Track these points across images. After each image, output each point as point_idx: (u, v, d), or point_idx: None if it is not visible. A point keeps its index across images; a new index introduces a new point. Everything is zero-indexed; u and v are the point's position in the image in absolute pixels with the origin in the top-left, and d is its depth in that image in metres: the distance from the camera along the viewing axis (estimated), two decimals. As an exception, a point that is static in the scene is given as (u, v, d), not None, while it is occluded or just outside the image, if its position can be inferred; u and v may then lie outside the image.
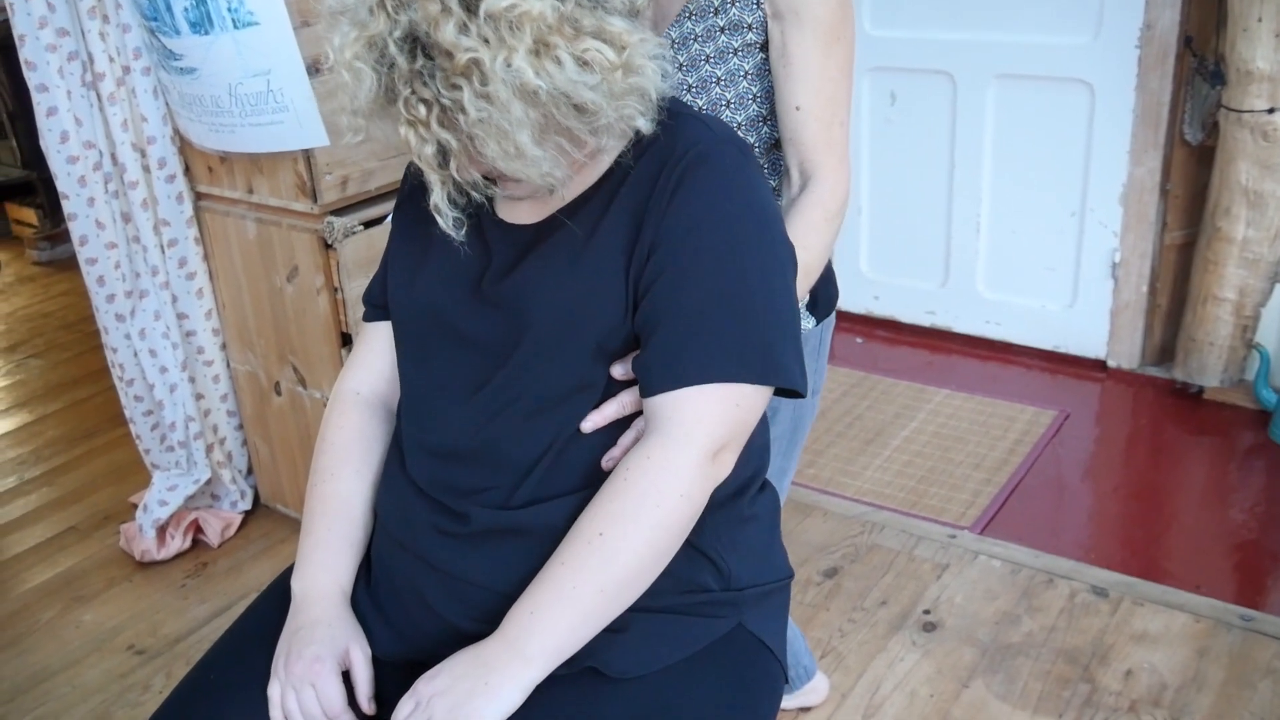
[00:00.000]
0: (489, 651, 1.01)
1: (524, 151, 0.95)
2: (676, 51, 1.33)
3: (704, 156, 1.05)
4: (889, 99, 3.25)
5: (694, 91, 1.34)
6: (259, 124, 2.01)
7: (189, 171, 2.33)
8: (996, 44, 3.01)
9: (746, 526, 1.15)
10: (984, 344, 3.32)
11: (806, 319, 1.46)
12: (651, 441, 1.02)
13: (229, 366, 2.52)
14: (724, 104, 1.35)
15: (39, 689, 2.12)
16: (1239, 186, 2.65)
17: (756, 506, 1.18)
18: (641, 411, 1.06)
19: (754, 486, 1.17)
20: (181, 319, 2.41)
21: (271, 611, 1.17)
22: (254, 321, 2.41)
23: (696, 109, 1.22)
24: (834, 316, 1.52)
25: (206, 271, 2.40)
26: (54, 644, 2.25)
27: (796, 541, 2.40)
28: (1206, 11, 2.70)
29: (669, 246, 1.03)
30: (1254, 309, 2.76)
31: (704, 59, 1.33)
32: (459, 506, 1.08)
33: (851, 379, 3.16)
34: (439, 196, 1.00)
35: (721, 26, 1.31)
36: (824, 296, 1.47)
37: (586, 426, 1.06)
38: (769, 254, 1.06)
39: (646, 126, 1.02)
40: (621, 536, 1.00)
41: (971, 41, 3.04)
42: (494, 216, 1.13)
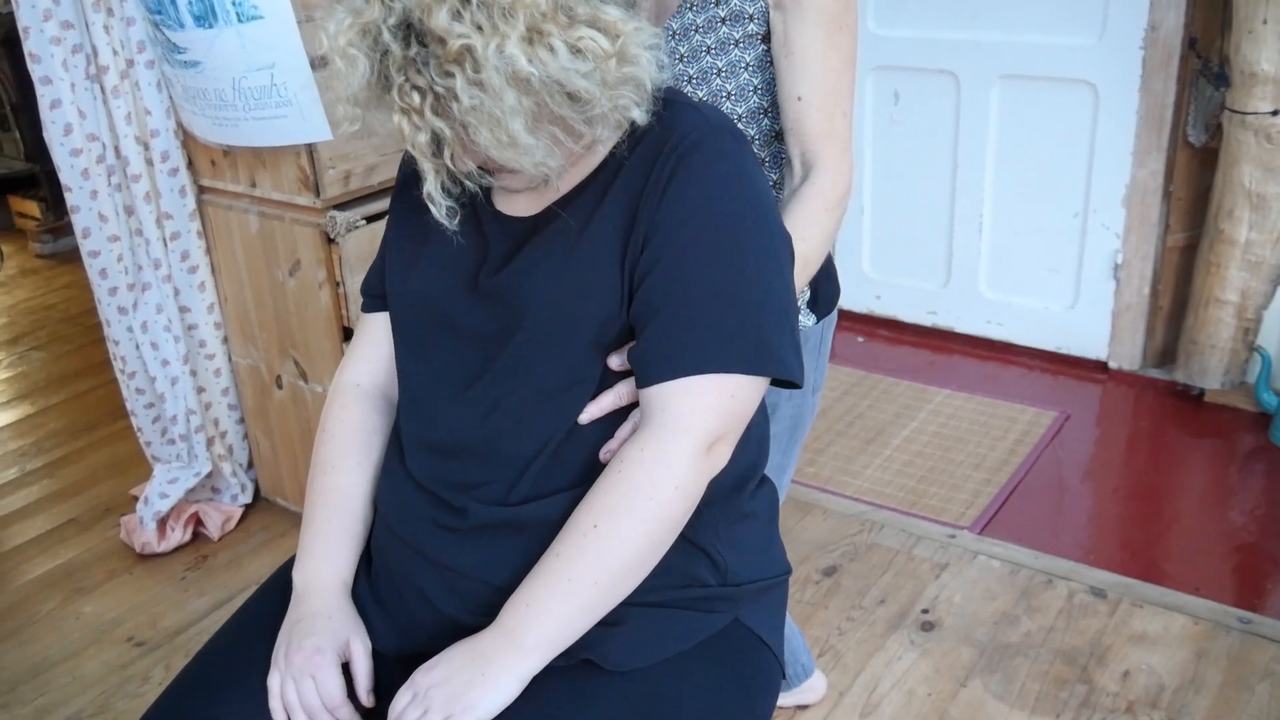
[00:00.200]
0: (486, 643, 1.01)
1: (517, 140, 0.95)
2: (677, 43, 1.32)
3: (699, 144, 1.04)
4: (893, 98, 3.25)
5: (695, 83, 1.33)
6: (262, 118, 2.01)
7: (192, 165, 2.33)
8: (1000, 44, 3.01)
9: (745, 522, 1.15)
10: (985, 344, 3.32)
11: (807, 316, 1.44)
12: (646, 434, 1.02)
13: (230, 360, 2.52)
14: (725, 96, 1.33)
15: (39, 680, 2.12)
16: (1242, 189, 2.65)
17: (755, 502, 1.17)
18: (639, 403, 1.06)
19: (752, 481, 1.17)
20: (183, 312, 2.42)
21: (272, 603, 1.17)
22: (256, 315, 2.41)
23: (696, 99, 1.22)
24: (835, 315, 1.51)
25: (209, 265, 2.41)
26: (54, 635, 2.25)
27: (796, 539, 2.40)
28: (1211, 13, 2.70)
29: (663, 236, 1.02)
30: (1256, 312, 2.76)
31: (705, 50, 1.32)
32: (457, 501, 1.08)
33: (853, 378, 3.16)
34: (432, 185, 1.00)
35: (723, 17, 1.30)
36: (825, 294, 1.46)
37: (583, 418, 1.06)
38: (765, 243, 1.05)
39: (641, 117, 1.01)
40: (616, 529, 1.00)
41: (975, 41, 3.04)
42: (491, 209, 1.12)
